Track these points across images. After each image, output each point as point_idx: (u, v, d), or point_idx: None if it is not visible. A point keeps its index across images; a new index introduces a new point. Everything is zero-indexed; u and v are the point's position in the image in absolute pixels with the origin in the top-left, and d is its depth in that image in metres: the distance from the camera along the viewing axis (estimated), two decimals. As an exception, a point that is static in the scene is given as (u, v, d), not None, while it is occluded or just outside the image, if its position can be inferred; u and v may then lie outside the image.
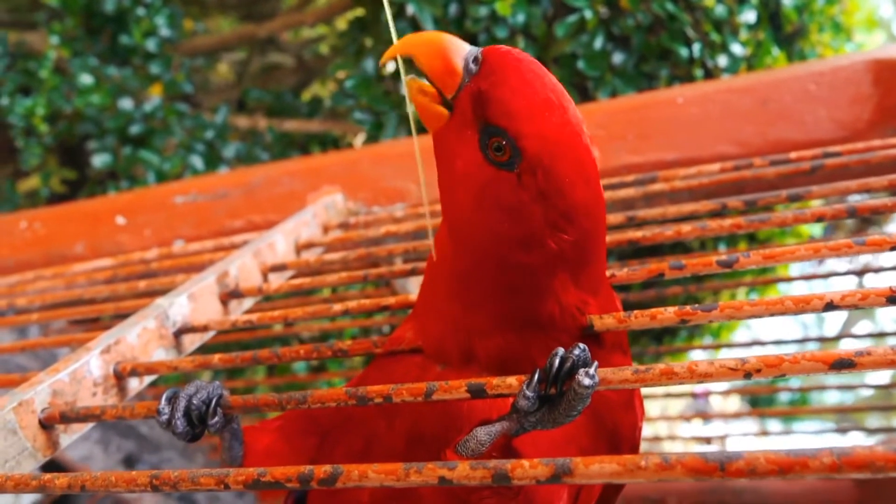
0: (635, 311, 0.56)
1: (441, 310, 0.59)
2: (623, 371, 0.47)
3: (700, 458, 0.37)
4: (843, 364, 0.43)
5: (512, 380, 0.49)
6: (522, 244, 0.53)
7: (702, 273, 0.64)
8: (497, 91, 0.51)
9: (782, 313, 0.53)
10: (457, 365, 0.58)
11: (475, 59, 0.53)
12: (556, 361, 0.47)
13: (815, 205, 1.34)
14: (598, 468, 0.39)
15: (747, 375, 0.45)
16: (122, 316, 0.84)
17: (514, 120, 0.51)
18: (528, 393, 0.47)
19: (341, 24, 3.31)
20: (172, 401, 0.55)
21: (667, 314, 0.55)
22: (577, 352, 0.48)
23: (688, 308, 0.55)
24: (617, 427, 0.59)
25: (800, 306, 0.52)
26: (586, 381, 0.46)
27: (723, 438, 2.37)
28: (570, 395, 0.47)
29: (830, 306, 0.52)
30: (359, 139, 2.98)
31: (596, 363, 0.47)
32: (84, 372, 0.65)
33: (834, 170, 0.84)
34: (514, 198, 0.52)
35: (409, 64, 0.56)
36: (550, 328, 0.56)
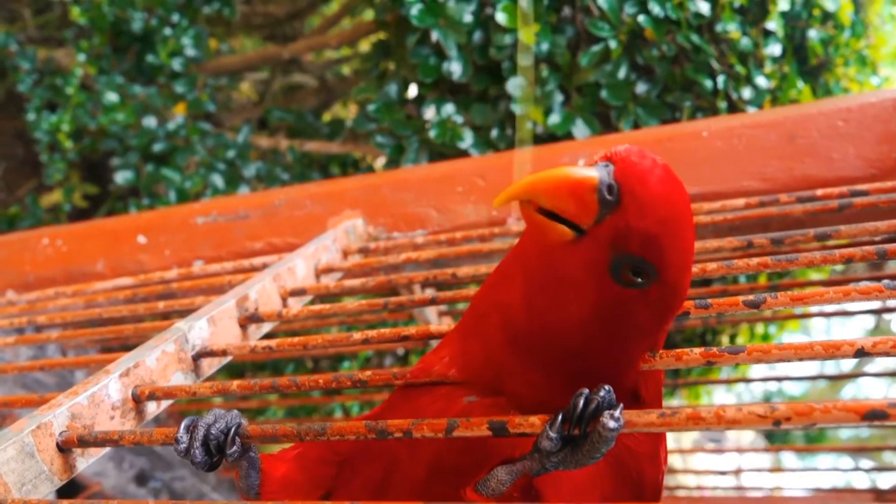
0: (661, 352, 0.55)
1: (489, 347, 0.57)
2: (649, 414, 0.46)
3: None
4: (876, 415, 0.42)
5: (535, 419, 0.48)
6: (627, 339, 0.54)
7: (727, 312, 0.63)
8: (645, 227, 0.49)
9: (811, 358, 0.52)
10: (486, 394, 0.57)
11: (610, 189, 0.49)
12: (581, 402, 0.47)
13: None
14: (622, 516, 0.38)
15: (776, 423, 0.44)
16: (140, 337, 0.84)
17: (662, 254, 0.50)
18: (552, 434, 0.46)
19: (364, 45, 3.34)
20: (191, 429, 0.55)
21: (693, 356, 0.54)
22: (602, 393, 0.47)
23: (714, 350, 0.54)
24: (641, 479, 0.58)
25: (829, 352, 0.51)
26: (611, 424, 0.45)
27: (737, 472, 2.33)
28: (594, 436, 0.46)
29: (861, 353, 0.51)
30: (379, 161, 2.99)
31: (621, 405, 0.46)
32: (103, 395, 0.65)
33: (862, 209, 0.83)
34: (635, 309, 0.52)
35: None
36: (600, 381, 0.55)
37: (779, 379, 1.80)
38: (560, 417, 0.47)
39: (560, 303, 0.53)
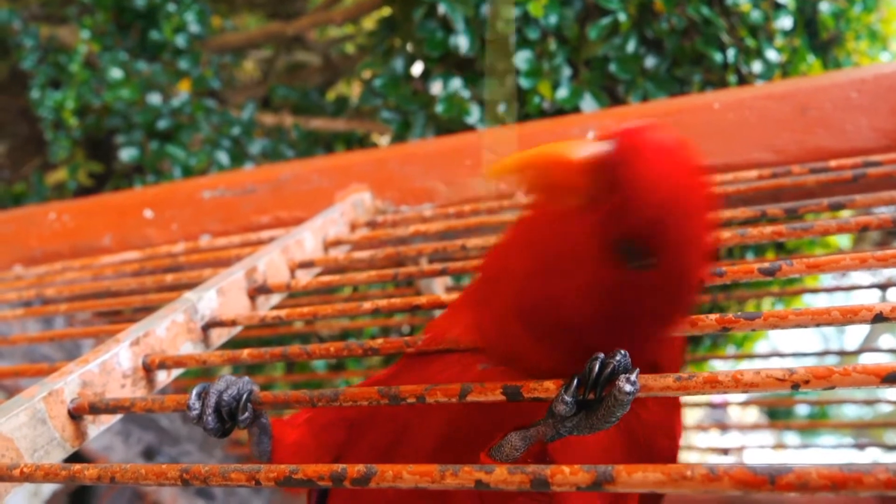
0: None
1: (501, 315, 0.55)
2: (665, 378, 0.46)
3: (749, 470, 0.36)
4: (897, 378, 0.42)
5: (549, 384, 0.48)
6: (640, 323, 0.51)
7: (740, 281, 0.62)
8: (641, 211, 0.46)
9: (829, 323, 0.51)
10: (502, 363, 0.56)
11: (603, 171, 0.46)
12: (597, 366, 0.46)
13: (846, 215, 1.32)
14: (641, 477, 0.37)
15: (795, 386, 0.44)
16: (148, 309, 0.84)
17: (660, 237, 0.46)
18: (567, 398, 0.46)
19: (368, 23, 3.32)
20: (203, 396, 0.55)
21: (708, 321, 0.54)
22: (618, 357, 0.46)
23: (730, 316, 0.53)
24: (654, 451, 0.57)
25: (847, 317, 0.51)
26: (627, 388, 0.45)
27: (740, 450, 2.34)
28: (609, 400, 0.45)
29: (879, 318, 0.50)
30: (384, 139, 2.98)
31: (637, 369, 0.46)
32: (114, 363, 0.65)
33: (876, 179, 0.82)
34: (639, 286, 0.49)
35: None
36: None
37: (784, 355, 1.80)
38: (575, 381, 0.46)
39: (563, 274, 0.51)
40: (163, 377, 0.71)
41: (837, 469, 0.35)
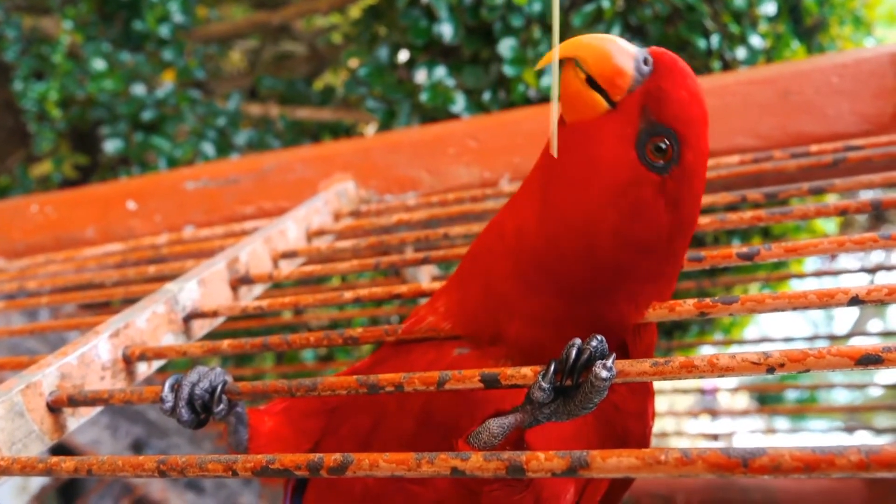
0: (653, 303, 0.55)
1: (491, 284, 0.57)
2: (641, 363, 0.46)
3: (722, 454, 0.36)
4: (871, 360, 0.42)
5: (527, 370, 0.48)
6: (640, 246, 0.53)
7: (720, 266, 0.62)
8: (676, 93, 0.52)
9: (805, 307, 0.51)
10: (480, 345, 0.57)
11: (646, 61, 0.52)
12: (573, 352, 0.46)
13: (832, 199, 1.32)
14: (615, 462, 0.38)
15: (770, 370, 0.44)
16: (131, 300, 0.83)
17: (688, 126, 0.52)
18: (544, 384, 0.46)
19: (354, 12, 3.30)
20: (175, 388, 0.55)
21: (686, 306, 0.54)
22: (594, 343, 0.46)
23: (708, 301, 0.53)
24: (627, 435, 0.57)
25: (824, 300, 0.51)
26: (604, 374, 0.45)
27: (730, 436, 2.35)
28: (586, 387, 0.46)
29: (855, 301, 0.50)
30: (370, 129, 2.97)
31: (614, 355, 0.46)
32: (93, 355, 0.65)
33: (857, 163, 0.82)
34: (653, 200, 0.52)
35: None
36: (600, 329, 0.53)
37: (774, 340, 1.81)
38: (552, 368, 0.46)
39: (581, 189, 0.53)
40: (143, 369, 0.71)
41: (810, 451, 0.35)
